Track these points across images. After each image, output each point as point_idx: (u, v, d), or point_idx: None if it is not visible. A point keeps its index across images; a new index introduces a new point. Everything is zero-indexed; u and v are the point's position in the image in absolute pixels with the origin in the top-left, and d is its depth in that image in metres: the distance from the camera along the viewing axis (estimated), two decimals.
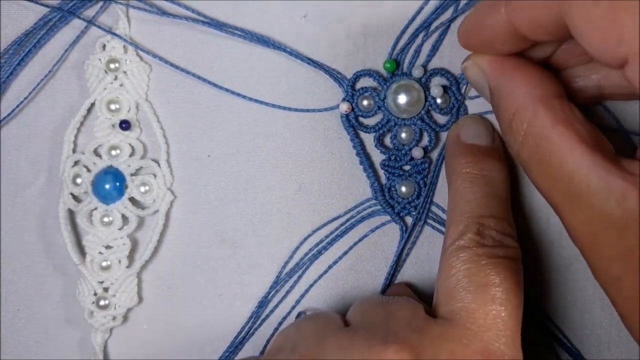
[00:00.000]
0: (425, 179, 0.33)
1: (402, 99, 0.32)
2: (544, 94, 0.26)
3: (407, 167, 0.33)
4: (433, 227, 0.33)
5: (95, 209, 0.32)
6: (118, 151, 0.32)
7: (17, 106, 0.32)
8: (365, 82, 0.32)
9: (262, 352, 0.33)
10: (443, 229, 0.33)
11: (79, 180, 0.32)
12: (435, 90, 0.32)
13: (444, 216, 0.33)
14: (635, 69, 0.23)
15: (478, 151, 0.30)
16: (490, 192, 0.29)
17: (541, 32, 0.26)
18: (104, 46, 0.32)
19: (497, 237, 0.28)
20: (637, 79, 0.23)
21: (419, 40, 0.32)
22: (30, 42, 0.32)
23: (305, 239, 0.33)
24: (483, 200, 0.29)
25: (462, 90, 0.32)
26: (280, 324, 0.33)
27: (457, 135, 0.31)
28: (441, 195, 0.33)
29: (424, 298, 0.31)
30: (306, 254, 0.33)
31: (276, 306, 0.33)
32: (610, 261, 0.24)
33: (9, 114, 0.32)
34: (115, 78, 0.32)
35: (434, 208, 0.33)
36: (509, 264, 0.28)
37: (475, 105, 0.32)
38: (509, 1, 0.26)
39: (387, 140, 0.33)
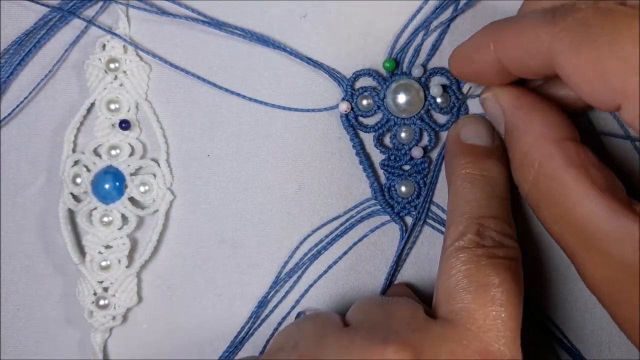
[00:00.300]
0: (425, 179, 0.32)
1: (402, 98, 0.31)
2: (559, 136, 0.26)
3: (406, 167, 0.33)
4: (433, 227, 0.33)
5: (95, 208, 0.32)
6: (118, 151, 0.32)
7: (17, 106, 0.32)
8: (364, 81, 0.32)
9: (262, 352, 0.33)
10: (443, 229, 0.33)
11: (78, 180, 0.32)
12: (435, 89, 0.32)
13: (443, 216, 0.33)
14: (628, 113, 0.23)
15: (478, 151, 0.30)
16: (490, 193, 0.29)
17: (530, 72, 0.26)
18: (103, 46, 0.32)
19: (497, 237, 0.28)
20: (632, 122, 0.23)
21: (418, 40, 0.32)
22: (30, 42, 0.32)
23: (305, 238, 0.33)
24: (483, 201, 0.29)
25: (464, 90, 0.32)
26: (279, 324, 0.33)
27: (457, 135, 0.31)
28: (441, 195, 0.33)
29: (424, 298, 0.31)
30: (306, 254, 0.33)
31: (276, 306, 0.33)
32: (633, 309, 0.24)
33: (9, 114, 0.33)
34: (115, 78, 0.32)
35: (433, 208, 0.33)
36: (509, 264, 0.28)
37: (476, 105, 0.32)
38: (497, 39, 0.26)
39: (387, 140, 0.33)
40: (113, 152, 0.32)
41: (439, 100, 0.32)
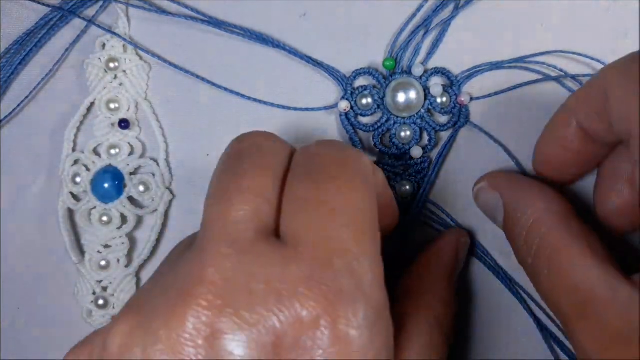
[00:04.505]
0: (425, 179, 0.32)
1: (402, 97, 0.31)
2: (561, 209, 0.27)
3: (406, 167, 0.32)
4: (432, 227, 0.32)
5: (94, 208, 0.32)
6: (117, 150, 0.32)
7: (19, 105, 0.33)
8: (364, 80, 0.32)
9: None
10: (442, 229, 0.32)
11: (78, 179, 0.32)
12: (436, 89, 0.31)
13: (443, 216, 0.32)
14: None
15: None
16: None
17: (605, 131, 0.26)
18: (103, 45, 0.32)
19: None
20: None
21: (419, 39, 0.32)
22: (31, 41, 0.33)
23: None
24: None
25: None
26: None
27: None
28: (440, 195, 0.32)
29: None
30: None
31: None
32: None
33: (10, 113, 0.33)
34: (115, 77, 0.32)
35: (433, 208, 0.32)
36: None
37: (478, 106, 0.32)
38: (574, 108, 0.27)
39: (386, 140, 0.32)
40: (112, 152, 0.32)
41: (439, 100, 0.32)
